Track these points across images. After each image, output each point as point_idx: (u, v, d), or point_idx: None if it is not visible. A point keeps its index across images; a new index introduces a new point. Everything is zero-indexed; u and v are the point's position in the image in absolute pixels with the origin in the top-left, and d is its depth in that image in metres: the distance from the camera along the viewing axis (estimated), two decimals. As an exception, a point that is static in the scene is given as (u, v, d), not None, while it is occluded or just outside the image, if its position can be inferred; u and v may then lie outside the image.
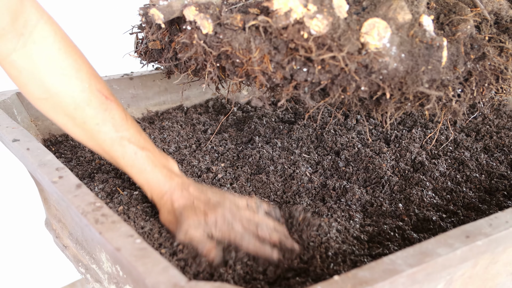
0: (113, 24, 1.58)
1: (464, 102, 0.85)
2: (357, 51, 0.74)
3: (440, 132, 1.28)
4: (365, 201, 1.00)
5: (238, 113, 1.41)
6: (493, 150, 1.23)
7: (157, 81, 1.38)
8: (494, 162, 1.16)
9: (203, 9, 0.77)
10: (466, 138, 1.27)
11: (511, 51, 0.87)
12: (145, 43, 0.98)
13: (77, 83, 0.85)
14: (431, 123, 1.35)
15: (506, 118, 1.42)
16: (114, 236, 0.69)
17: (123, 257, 0.66)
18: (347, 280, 0.63)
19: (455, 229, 0.74)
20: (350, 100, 0.80)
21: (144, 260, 0.65)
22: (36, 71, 0.84)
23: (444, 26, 0.83)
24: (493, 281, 0.92)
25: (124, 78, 1.34)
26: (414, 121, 1.37)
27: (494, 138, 1.28)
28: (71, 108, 0.86)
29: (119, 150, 0.87)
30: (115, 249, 0.67)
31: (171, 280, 0.61)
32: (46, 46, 0.84)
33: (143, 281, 0.62)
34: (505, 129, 1.34)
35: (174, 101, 1.41)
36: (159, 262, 0.64)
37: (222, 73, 0.85)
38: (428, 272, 0.68)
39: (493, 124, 1.37)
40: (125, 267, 0.66)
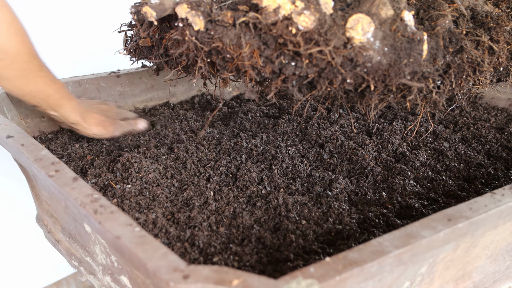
0: (99, 23, 1.60)
1: (444, 94, 0.89)
2: (342, 45, 0.77)
3: (420, 124, 1.33)
4: (350, 190, 1.04)
5: (223, 108, 1.44)
6: (471, 140, 1.27)
7: (143, 78, 1.41)
8: (471, 152, 1.21)
9: (195, 7, 0.80)
10: (445, 129, 1.32)
11: (487, 44, 0.91)
12: (135, 40, 1.01)
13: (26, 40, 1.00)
14: (411, 116, 1.40)
15: (482, 110, 1.48)
16: (114, 225, 0.72)
17: (123, 245, 0.69)
18: (338, 261, 0.66)
19: (438, 212, 0.78)
20: (336, 93, 0.84)
21: (144, 246, 0.68)
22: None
23: (424, 21, 0.87)
24: (473, 264, 0.96)
25: (112, 76, 1.36)
26: (395, 114, 1.41)
27: (471, 129, 1.33)
28: (23, 63, 1.00)
29: (54, 88, 1.08)
30: (115, 237, 0.70)
31: (171, 265, 0.64)
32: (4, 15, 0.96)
33: (144, 266, 0.65)
34: (481, 121, 1.40)
35: (161, 98, 1.44)
36: (159, 248, 0.67)
37: (212, 69, 0.88)
38: (413, 253, 0.72)
39: (470, 116, 1.43)
40: (125, 254, 0.69)
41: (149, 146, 1.15)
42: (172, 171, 1.07)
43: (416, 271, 0.83)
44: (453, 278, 0.94)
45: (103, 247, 0.90)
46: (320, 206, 0.97)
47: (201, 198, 0.98)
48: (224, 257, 0.82)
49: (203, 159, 1.12)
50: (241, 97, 1.55)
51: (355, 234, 0.89)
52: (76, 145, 1.16)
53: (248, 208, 0.96)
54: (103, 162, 1.08)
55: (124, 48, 1.06)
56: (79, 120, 1.15)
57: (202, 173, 1.07)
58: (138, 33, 0.97)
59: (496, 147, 1.24)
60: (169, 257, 0.66)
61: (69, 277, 1.96)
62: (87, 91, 1.33)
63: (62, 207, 1.02)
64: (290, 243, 0.86)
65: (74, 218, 0.98)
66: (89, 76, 1.34)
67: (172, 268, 0.64)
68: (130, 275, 0.86)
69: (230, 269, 0.64)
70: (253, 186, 1.02)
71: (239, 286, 0.61)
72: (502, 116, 1.44)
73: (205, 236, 0.87)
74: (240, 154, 1.15)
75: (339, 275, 0.64)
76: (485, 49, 0.91)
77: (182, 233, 0.87)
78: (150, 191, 0.99)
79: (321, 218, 0.94)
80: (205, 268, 0.64)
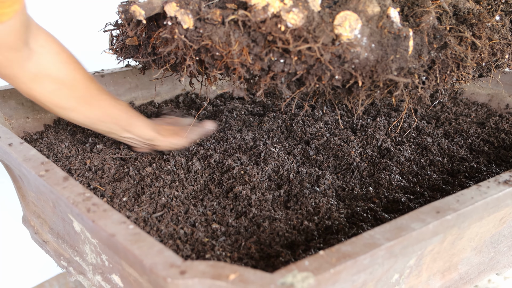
0: (82, 23, 1.60)
1: (429, 89, 0.91)
2: (331, 42, 0.78)
3: (403, 120, 1.35)
4: (337, 186, 1.05)
5: (208, 107, 1.45)
6: (453, 135, 1.30)
7: (128, 78, 1.40)
8: (454, 147, 1.23)
9: (184, 5, 0.80)
10: (427, 125, 1.34)
11: (470, 40, 0.93)
12: (121, 39, 1.01)
13: (79, 67, 1.02)
14: (394, 112, 1.42)
15: (462, 106, 1.50)
16: (108, 223, 0.72)
17: (118, 242, 0.69)
18: (331, 254, 0.68)
19: (426, 205, 0.79)
20: (324, 89, 0.85)
21: (140, 243, 0.68)
22: (50, 69, 0.97)
23: (408, 17, 0.89)
24: (459, 256, 0.98)
25: (96, 75, 1.36)
26: (378, 110, 1.43)
27: (453, 124, 1.35)
28: (81, 89, 1.01)
29: (120, 108, 1.08)
30: (110, 235, 0.70)
31: (168, 261, 0.65)
32: (50, 46, 0.98)
33: (140, 263, 0.66)
34: (462, 116, 1.42)
35: (145, 97, 1.44)
36: (154, 245, 0.68)
37: (201, 67, 0.89)
38: (404, 246, 0.73)
39: (451, 112, 1.45)
40: (120, 252, 0.69)
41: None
42: (160, 169, 1.07)
43: (405, 264, 0.85)
44: (440, 270, 0.96)
45: (94, 246, 0.90)
46: (309, 202, 0.99)
47: (191, 196, 0.99)
48: (216, 253, 0.82)
49: (190, 157, 1.13)
50: (225, 96, 1.55)
51: (344, 228, 0.90)
52: (62, 145, 1.15)
53: (238, 205, 0.97)
54: (88, 164, 1.08)
55: (110, 48, 1.06)
56: (154, 135, 1.13)
57: (190, 172, 1.08)
58: (125, 32, 0.97)
59: (477, 141, 1.26)
60: (165, 253, 0.66)
61: (52, 280, 1.94)
62: (71, 91, 1.32)
63: (50, 207, 1.02)
64: (281, 239, 0.87)
65: (63, 218, 0.98)
66: (73, 76, 1.34)
67: (169, 264, 0.64)
68: (121, 273, 0.86)
69: (226, 264, 0.64)
70: (240, 184, 1.03)
71: (236, 281, 0.62)
72: (482, 111, 1.47)
73: (196, 233, 0.87)
74: (228, 151, 1.16)
75: (333, 268, 0.65)
76: (468, 45, 0.93)
77: (173, 230, 0.87)
78: (140, 189, 0.99)
79: (310, 214, 0.95)
80: (202, 264, 0.64)
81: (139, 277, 0.77)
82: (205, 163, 1.10)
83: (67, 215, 0.91)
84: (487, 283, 1.95)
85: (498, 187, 0.87)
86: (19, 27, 0.88)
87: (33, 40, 0.95)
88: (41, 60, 0.96)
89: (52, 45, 0.98)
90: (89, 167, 1.06)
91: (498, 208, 0.92)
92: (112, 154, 1.13)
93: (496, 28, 0.98)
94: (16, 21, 0.86)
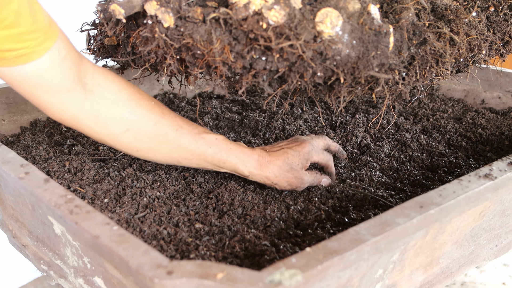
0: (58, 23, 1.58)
1: (409, 85, 0.91)
2: (312, 39, 0.78)
3: (382, 117, 1.36)
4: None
5: (186, 107, 1.44)
6: (431, 131, 1.31)
7: (105, 78, 1.39)
8: (433, 142, 1.24)
9: (164, 4, 0.80)
10: (406, 121, 1.35)
11: (448, 36, 0.94)
12: (99, 39, 1.00)
13: (145, 103, 0.94)
14: (372, 109, 1.43)
15: (439, 102, 1.52)
16: (91, 224, 0.72)
17: (102, 244, 0.68)
18: (318, 251, 0.68)
19: (410, 200, 0.80)
20: (306, 86, 0.85)
21: (125, 244, 0.67)
22: (112, 109, 0.92)
23: (388, 14, 0.89)
24: (440, 250, 0.99)
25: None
26: (356, 107, 1.44)
27: (431, 120, 1.37)
28: (151, 127, 0.93)
29: (203, 143, 0.95)
30: (94, 237, 0.69)
31: (154, 261, 0.64)
32: (109, 85, 0.92)
33: (126, 264, 0.65)
34: (439, 112, 1.44)
35: (123, 97, 1.42)
36: (140, 245, 0.67)
37: (181, 66, 0.88)
38: (389, 240, 0.74)
39: (428, 108, 1.46)
40: (105, 253, 0.69)
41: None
42: (140, 170, 1.06)
43: (389, 259, 0.85)
44: (422, 265, 0.97)
45: (75, 249, 0.89)
46: (295, 201, 0.99)
47: (173, 196, 0.98)
48: (201, 253, 0.82)
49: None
50: (204, 95, 1.55)
51: (327, 225, 0.91)
52: (40, 148, 1.14)
53: (220, 205, 0.96)
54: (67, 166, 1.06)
55: (87, 48, 1.05)
56: (253, 171, 0.98)
57: (171, 172, 1.07)
58: (104, 32, 0.96)
59: (455, 136, 1.28)
60: (151, 254, 0.66)
61: (29, 284, 1.92)
62: (47, 92, 1.30)
63: (29, 210, 1.00)
64: (266, 236, 0.87)
65: (43, 221, 0.97)
66: (49, 77, 1.32)
67: (155, 265, 0.64)
68: (104, 276, 0.85)
69: (213, 263, 0.64)
70: (227, 182, 1.03)
71: (224, 279, 0.62)
72: (459, 106, 1.49)
73: (180, 233, 0.87)
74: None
75: (321, 264, 0.65)
76: (447, 41, 0.94)
77: (157, 231, 0.87)
78: (121, 190, 0.98)
79: (297, 212, 0.95)
80: (189, 263, 0.64)
81: (123, 278, 0.76)
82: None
83: (47, 218, 0.89)
84: (464, 276, 1.97)
85: (479, 181, 0.88)
86: (57, 64, 0.85)
87: (89, 79, 0.90)
88: (99, 100, 0.91)
89: (112, 83, 0.93)
90: (68, 169, 1.05)
91: (478, 202, 0.93)
92: (91, 155, 1.12)
93: (473, 24, 0.99)
94: (51, 58, 0.83)
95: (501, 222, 1.10)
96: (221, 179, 1.04)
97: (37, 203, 0.84)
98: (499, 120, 1.37)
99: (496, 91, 1.52)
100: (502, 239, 1.14)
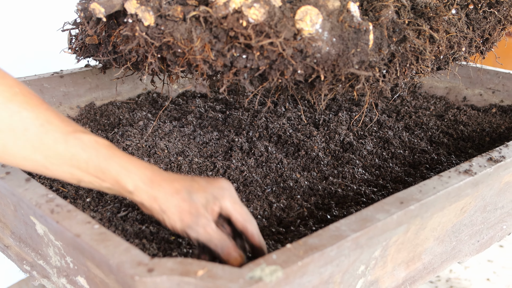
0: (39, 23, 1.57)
1: (389, 82, 0.92)
2: (292, 37, 0.79)
3: (364, 115, 1.37)
4: (301, 180, 1.06)
5: (170, 106, 1.44)
6: (413, 128, 1.32)
7: (88, 78, 1.39)
8: (415, 139, 1.25)
9: (144, 2, 0.80)
10: (388, 118, 1.36)
11: (428, 33, 0.95)
12: (80, 38, 1.00)
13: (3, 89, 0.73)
14: (355, 106, 1.44)
15: (421, 99, 1.53)
16: (72, 223, 0.71)
17: (83, 242, 0.68)
18: (299, 247, 0.68)
19: (390, 196, 0.81)
20: (287, 84, 0.85)
21: (106, 243, 0.67)
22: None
23: (368, 12, 0.90)
24: (422, 246, 1.00)
25: (55, 76, 1.34)
26: (339, 105, 1.45)
27: (413, 117, 1.38)
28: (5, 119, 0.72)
29: (76, 144, 0.73)
30: (75, 235, 0.69)
31: (135, 259, 0.64)
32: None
33: (106, 262, 0.65)
34: (421, 109, 1.45)
35: (106, 97, 1.42)
36: (121, 244, 0.67)
37: (163, 64, 0.88)
38: (369, 236, 0.74)
39: (410, 105, 1.47)
40: (86, 252, 0.69)
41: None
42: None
43: (371, 255, 0.86)
44: (404, 260, 0.97)
45: (58, 249, 0.89)
46: (278, 198, 0.99)
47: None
48: (183, 251, 0.82)
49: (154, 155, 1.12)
50: (187, 94, 1.55)
51: (309, 222, 0.91)
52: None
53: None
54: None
55: (69, 47, 1.05)
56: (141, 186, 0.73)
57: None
58: (85, 31, 0.96)
59: (437, 133, 1.29)
60: (132, 252, 0.66)
61: (14, 286, 1.91)
62: (29, 92, 1.30)
63: (11, 211, 0.99)
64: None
65: (25, 221, 0.96)
66: (31, 77, 1.31)
67: (136, 263, 0.64)
68: (87, 275, 0.85)
69: (194, 260, 0.64)
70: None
71: (205, 276, 0.62)
72: (441, 104, 1.50)
73: (162, 231, 0.87)
74: (191, 149, 1.15)
75: (301, 260, 0.66)
76: (426, 38, 0.95)
77: (139, 230, 0.87)
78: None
79: (279, 210, 0.95)
80: (169, 261, 0.64)
81: (105, 277, 0.76)
82: (167, 161, 1.10)
83: (29, 218, 0.89)
84: (449, 273, 1.99)
85: (458, 176, 0.89)
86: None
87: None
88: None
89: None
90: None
91: (459, 198, 0.94)
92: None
93: (452, 21, 1.00)
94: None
95: (482, 218, 1.11)
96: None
97: (18, 203, 0.83)
98: (480, 117, 1.38)
99: (477, 88, 1.53)
100: (484, 234, 1.15)
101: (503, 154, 0.98)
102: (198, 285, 0.62)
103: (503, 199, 1.14)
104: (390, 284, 0.97)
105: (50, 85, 1.33)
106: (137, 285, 0.62)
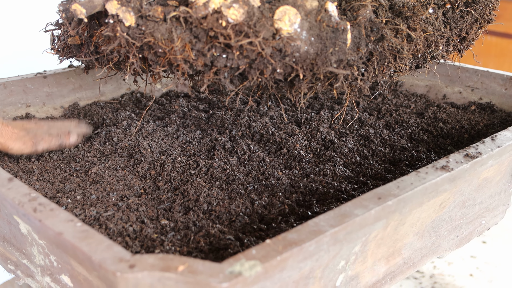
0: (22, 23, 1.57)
1: (368, 80, 0.94)
2: (271, 37, 0.80)
3: (346, 113, 1.39)
4: (283, 178, 1.07)
5: (153, 105, 1.45)
6: (394, 126, 1.34)
7: (71, 78, 1.39)
8: (395, 137, 1.27)
9: (125, 3, 0.81)
10: (369, 116, 1.38)
11: (405, 32, 0.97)
12: (63, 39, 1.00)
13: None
14: (337, 105, 1.45)
15: (402, 97, 1.55)
16: (55, 222, 0.72)
17: (66, 240, 0.69)
18: (278, 242, 0.69)
19: (369, 192, 0.82)
20: (267, 83, 0.86)
21: (88, 240, 0.68)
22: None
23: (346, 11, 0.91)
24: (402, 241, 1.02)
25: (38, 76, 1.34)
26: (321, 104, 1.46)
27: (394, 115, 1.40)
28: None
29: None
30: (57, 233, 0.70)
31: (117, 256, 0.66)
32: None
33: (89, 260, 0.66)
34: (402, 107, 1.47)
35: (90, 97, 1.43)
36: (103, 241, 0.68)
37: (144, 64, 0.89)
38: (348, 231, 0.76)
39: (391, 103, 1.50)
40: (69, 250, 0.70)
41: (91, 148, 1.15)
42: (108, 168, 1.07)
43: (351, 250, 0.87)
44: (384, 256, 0.99)
45: (41, 248, 0.89)
46: (260, 195, 1.00)
47: (140, 193, 0.99)
48: (166, 248, 0.83)
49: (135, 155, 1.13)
50: (171, 94, 1.55)
51: (290, 219, 0.93)
52: None
53: (186, 201, 0.98)
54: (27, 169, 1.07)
55: (51, 48, 1.06)
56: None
57: (138, 170, 1.08)
58: (67, 32, 0.97)
59: (417, 131, 1.31)
60: (114, 249, 0.67)
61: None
62: (13, 93, 1.30)
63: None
64: (230, 231, 0.88)
65: (9, 220, 0.97)
66: (14, 78, 1.32)
67: (118, 259, 0.65)
68: (71, 273, 0.86)
69: (175, 256, 0.66)
70: (193, 179, 1.04)
71: (185, 272, 0.63)
72: (421, 102, 1.52)
73: (145, 229, 0.88)
74: (175, 148, 1.16)
75: (280, 255, 0.67)
76: (404, 37, 0.97)
77: (122, 228, 0.88)
78: (87, 188, 0.99)
79: (261, 207, 0.97)
80: (151, 257, 0.65)
81: (88, 275, 0.77)
82: (150, 160, 1.10)
83: (12, 217, 0.90)
84: (433, 269, 2.02)
85: (436, 172, 0.91)
86: None
87: None
88: None
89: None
90: (32, 168, 1.05)
91: (437, 193, 0.96)
92: (56, 154, 1.12)
93: (429, 20, 1.02)
94: None
95: (461, 213, 1.13)
96: (187, 176, 1.05)
97: (1, 202, 0.84)
98: (459, 114, 1.41)
99: (457, 86, 1.55)
100: (463, 229, 1.17)
101: (479, 150, 1.00)
102: (178, 280, 0.63)
103: (482, 195, 1.16)
104: (371, 279, 0.98)
105: (33, 85, 1.34)
106: (118, 281, 0.63)
